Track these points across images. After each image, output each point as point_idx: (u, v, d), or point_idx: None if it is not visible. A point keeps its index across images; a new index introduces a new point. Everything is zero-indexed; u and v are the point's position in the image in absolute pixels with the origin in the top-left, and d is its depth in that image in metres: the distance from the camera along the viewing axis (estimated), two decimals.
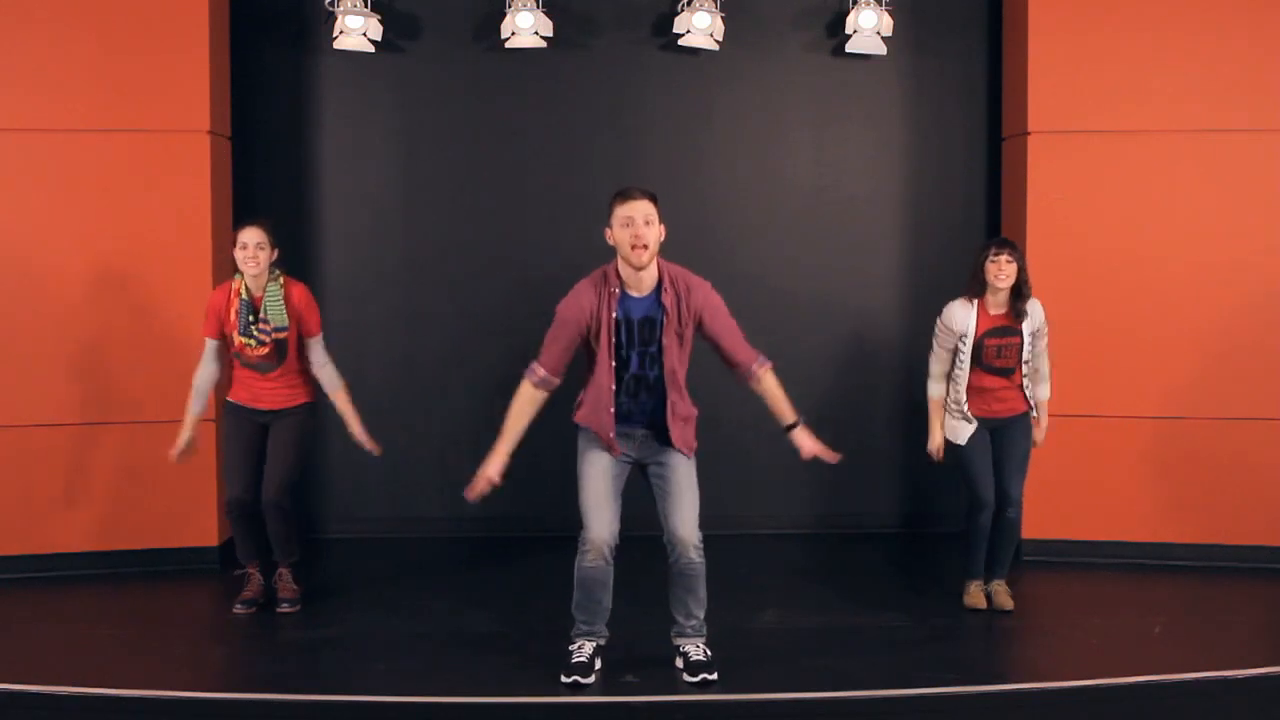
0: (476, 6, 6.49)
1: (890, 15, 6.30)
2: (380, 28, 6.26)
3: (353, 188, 6.54)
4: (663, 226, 4.32)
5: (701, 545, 4.41)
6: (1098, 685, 4.37)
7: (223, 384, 5.35)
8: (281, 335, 5.14)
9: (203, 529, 6.00)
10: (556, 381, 4.41)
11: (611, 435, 4.37)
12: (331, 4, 6.24)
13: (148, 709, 4.22)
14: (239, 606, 5.26)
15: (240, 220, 5.32)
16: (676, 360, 4.36)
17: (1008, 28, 6.39)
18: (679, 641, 4.52)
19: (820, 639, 4.95)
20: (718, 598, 4.63)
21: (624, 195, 4.29)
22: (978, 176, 6.63)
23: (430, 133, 6.56)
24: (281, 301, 5.14)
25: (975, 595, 5.30)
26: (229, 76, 6.22)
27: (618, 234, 4.27)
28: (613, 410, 4.35)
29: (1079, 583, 5.79)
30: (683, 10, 6.31)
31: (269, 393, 5.22)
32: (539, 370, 4.40)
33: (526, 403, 4.43)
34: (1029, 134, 6.06)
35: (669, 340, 4.33)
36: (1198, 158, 5.99)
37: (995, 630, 5.09)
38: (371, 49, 6.27)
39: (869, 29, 6.29)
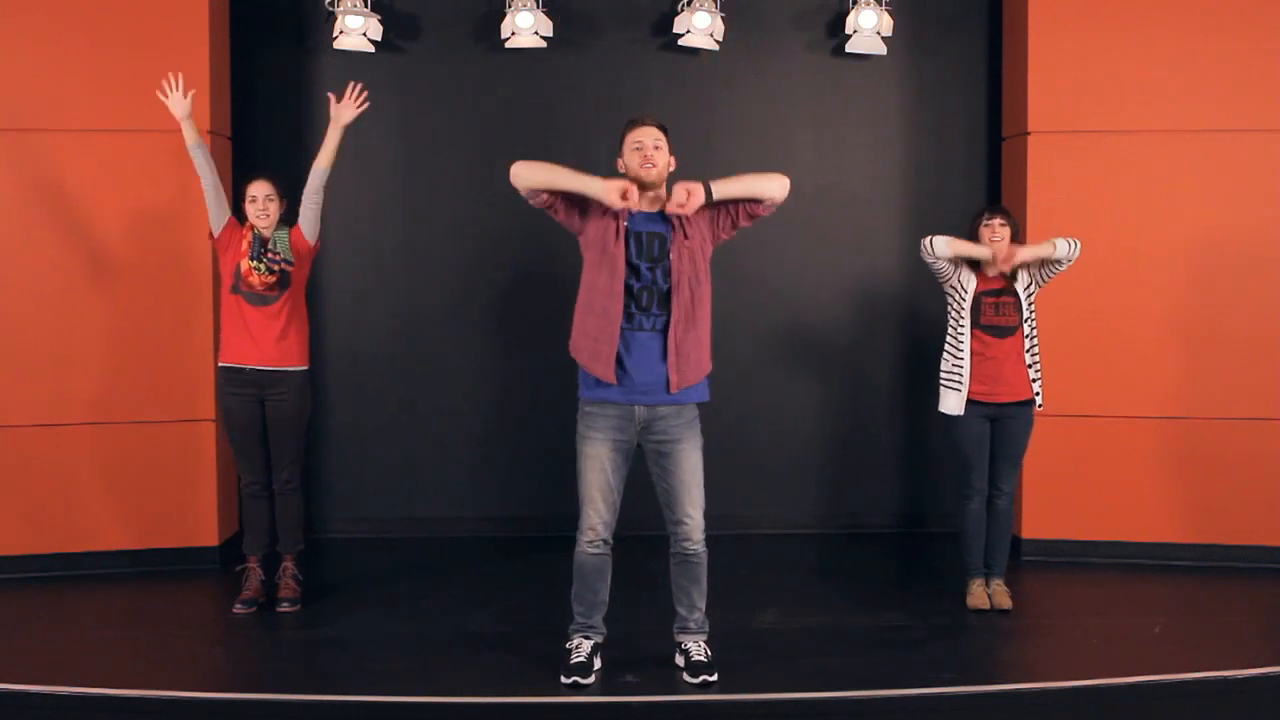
0: (476, 6, 6.49)
1: (890, 15, 6.31)
2: (380, 28, 6.26)
3: (353, 188, 6.54)
4: (673, 158, 4.39)
5: (703, 534, 4.42)
6: (1098, 685, 4.37)
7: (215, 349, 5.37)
8: (289, 267, 5.20)
9: (203, 529, 6.00)
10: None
11: (613, 349, 4.28)
12: (331, 4, 6.24)
13: (148, 709, 4.22)
14: (239, 606, 5.27)
15: (248, 174, 5.34)
16: (688, 275, 4.31)
17: (1008, 28, 6.39)
18: (681, 638, 4.52)
19: (820, 639, 4.95)
20: (718, 598, 4.63)
21: (635, 121, 4.41)
22: (978, 176, 6.63)
23: (430, 133, 6.57)
24: (289, 242, 5.25)
25: (978, 595, 5.30)
26: (229, 76, 6.22)
27: (628, 158, 4.37)
28: (619, 323, 4.28)
29: (1079, 583, 5.79)
30: (683, 10, 6.31)
31: (266, 341, 5.18)
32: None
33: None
34: (1029, 134, 6.06)
35: (675, 254, 4.30)
36: (1198, 158, 5.99)
37: (995, 630, 5.09)
38: (371, 49, 6.27)
39: (869, 29, 6.29)
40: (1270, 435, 5.97)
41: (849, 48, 6.37)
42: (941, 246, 5.20)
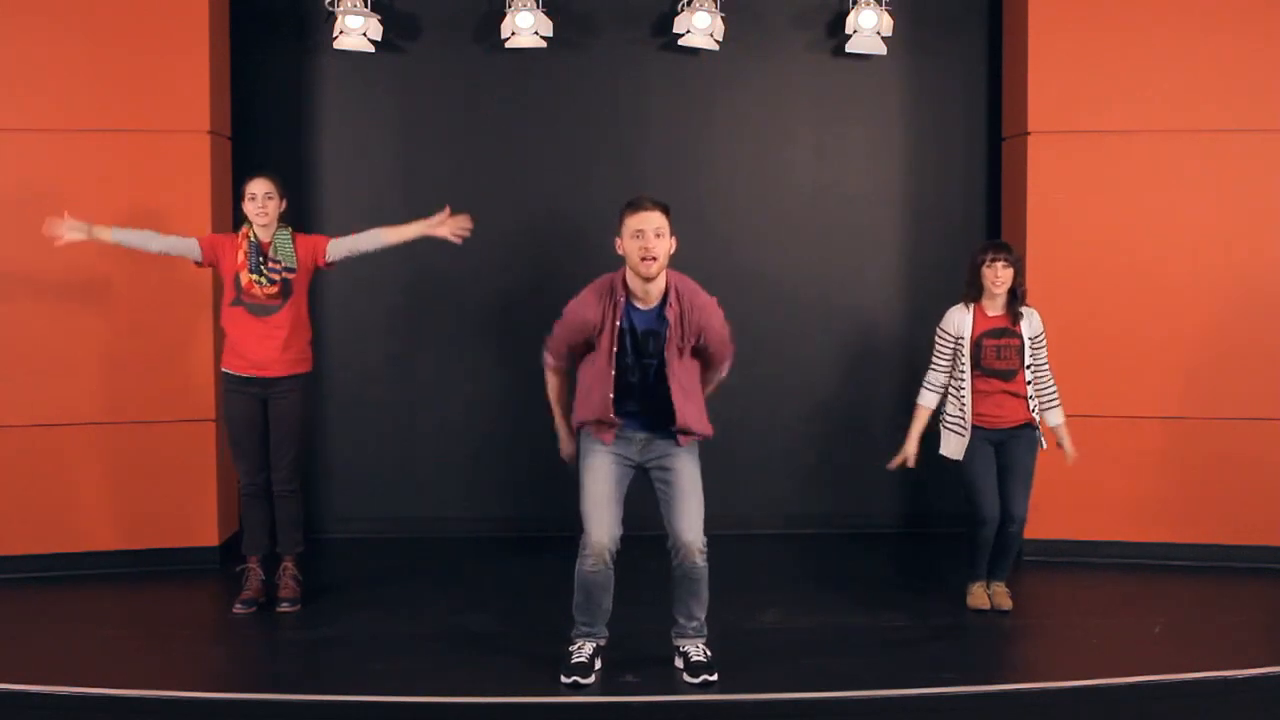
0: (476, 6, 6.49)
1: (890, 15, 6.30)
2: (380, 28, 6.26)
3: (353, 188, 6.54)
4: (674, 239, 4.33)
5: (705, 550, 4.42)
6: (1098, 685, 4.37)
7: (217, 354, 5.35)
8: (290, 275, 5.17)
9: (203, 529, 6.00)
10: (565, 365, 4.59)
11: (612, 424, 4.39)
12: (331, 4, 6.24)
13: (148, 709, 4.22)
14: (239, 606, 5.27)
15: (247, 174, 5.33)
16: (679, 368, 4.38)
17: (1008, 28, 6.39)
18: (679, 642, 4.53)
19: (820, 639, 4.95)
20: (718, 598, 4.63)
21: (635, 206, 4.30)
22: (978, 176, 6.63)
23: (430, 133, 6.56)
24: (291, 245, 5.20)
25: (979, 596, 5.30)
26: (229, 76, 6.22)
27: (628, 245, 4.28)
28: (612, 401, 4.37)
29: (1079, 583, 5.79)
30: (683, 10, 6.31)
31: (270, 351, 5.18)
32: (550, 359, 4.58)
33: (557, 385, 4.63)
34: (1029, 134, 6.06)
35: (670, 353, 4.35)
36: (1197, 158, 5.99)
37: (995, 630, 5.09)
38: (371, 49, 6.27)
39: (869, 29, 6.29)
40: (1271, 435, 5.97)
41: (849, 48, 6.37)
42: (923, 396, 5.33)
